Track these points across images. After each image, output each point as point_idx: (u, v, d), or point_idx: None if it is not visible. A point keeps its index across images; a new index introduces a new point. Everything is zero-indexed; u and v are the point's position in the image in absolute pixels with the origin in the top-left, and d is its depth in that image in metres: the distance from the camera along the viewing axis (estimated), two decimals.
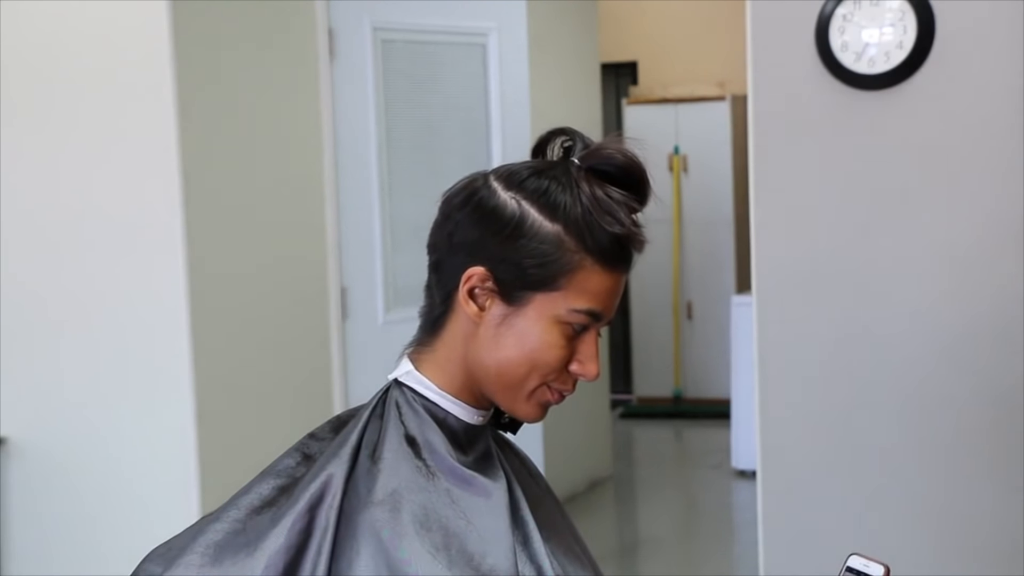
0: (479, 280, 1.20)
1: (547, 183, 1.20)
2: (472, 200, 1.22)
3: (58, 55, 3.25)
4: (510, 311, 1.20)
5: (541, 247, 1.18)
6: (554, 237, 1.18)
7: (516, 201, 1.20)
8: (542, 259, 1.18)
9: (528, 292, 1.19)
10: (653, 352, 7.58)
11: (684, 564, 4.84)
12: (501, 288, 1.20)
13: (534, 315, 1.20)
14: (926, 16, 2.68)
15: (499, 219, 1.20)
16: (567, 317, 1.20)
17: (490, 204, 1.21)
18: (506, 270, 1.19)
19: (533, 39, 4.55)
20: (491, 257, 1.20)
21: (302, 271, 3.69)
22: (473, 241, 1.21)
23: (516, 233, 1.19)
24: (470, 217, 1.21)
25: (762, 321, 2.88)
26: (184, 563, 1.17)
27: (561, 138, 1.26)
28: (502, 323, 1.21)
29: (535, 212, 1.19)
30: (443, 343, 1.25)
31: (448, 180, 1.29)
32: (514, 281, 1.19)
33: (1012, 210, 2.68)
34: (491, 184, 1.22)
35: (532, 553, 1.20)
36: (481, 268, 1.20)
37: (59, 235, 3.28)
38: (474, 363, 1.23)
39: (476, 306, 1.21)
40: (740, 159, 7.20)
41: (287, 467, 1.25)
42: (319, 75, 3.73)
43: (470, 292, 1.21)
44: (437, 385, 1.25)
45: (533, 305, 1.19)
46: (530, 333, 1.20)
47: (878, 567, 1.19)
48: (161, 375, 3.22)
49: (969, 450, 2.75)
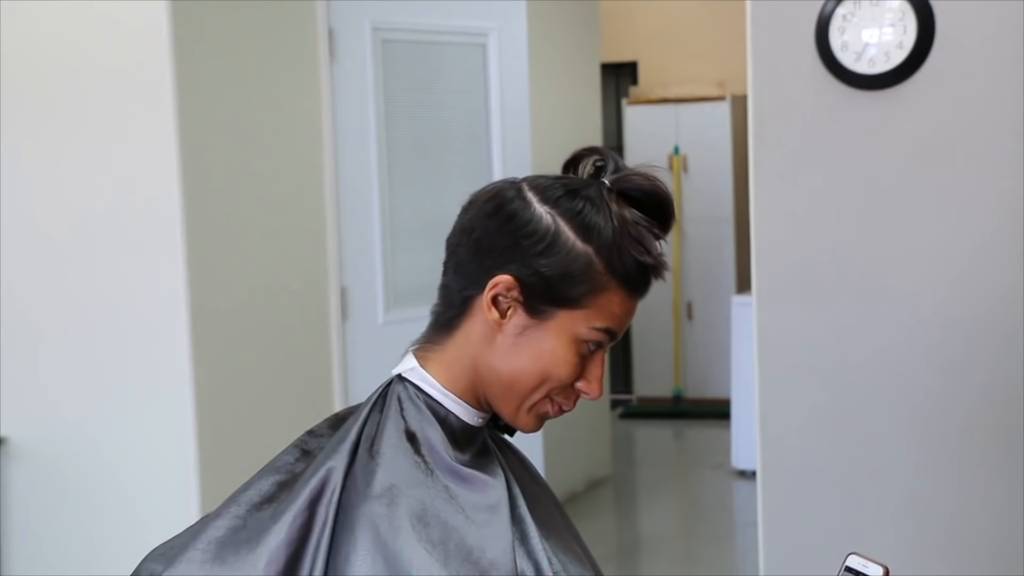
0: (505, 288, 1.21)
1: (582, 203, 1.21)
2: (505, 208, 1.22)
3: (58, 55, 3.25)
4: (531, 323, 1.22)
5: (572, 265, 1.20)
6: (585, 257, 1.20)
7: (552, 216, 1.21)
8: (571, 277, 1.20)
9: (553, 307, 1.21)
10: (653, 352, 7.58)
11: (684, 564, 4.84)
12: (526, 299, 1.21)
13: (555, 330, 1.21)
14: (926, 16, 2.68)
15: (533, 231, 1.20)
16: (586, 335, 1.22)
17: (525, 215, 1.21)
18: (534, 282, 1.20)
19: (533, 39, 4.55)
20: (520, 267, 1.20)
21: (302, 271, 3.69)
22: (503, 248, 1.21)
23: (550, 249, 1.20)
24: (503, 225, 1.21)
25: (762, 321, 2.88)
26: (186, 560, 1.18)
27: (594, 157, 1.27)
28: (521, 334, 1.22)
29: (569, 230, 1.20)
30: (454, 344, 1.25)
31: (448, 180, 1.29)
32: (540, 294, 1.21)
33: (1012, 210, 2.68)
34: (526, 195, 1.22)
35: (530, 550, 1.21)
36: (508, 277, 1.20)
37: (59, 235, 3.28)
38: (485, 368, 1.24)
39: (498, 313, 1.22)
40: (740, 159, 7.20)
41: (286, 463, 1.26)
42: (319, 75, 3.73)
43: (494, 299, 1.21)
44: (441, 383, 1.25)
45: (555, 321, 1.21)
46: (548, 348, 1.22)
47: (877, 567, 1.19)
48: (161, 375, 3.22)
49: (970, 450, 2.75)
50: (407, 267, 3.97)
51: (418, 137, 4.08)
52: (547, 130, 4.94)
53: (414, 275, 3.99)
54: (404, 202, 3.99)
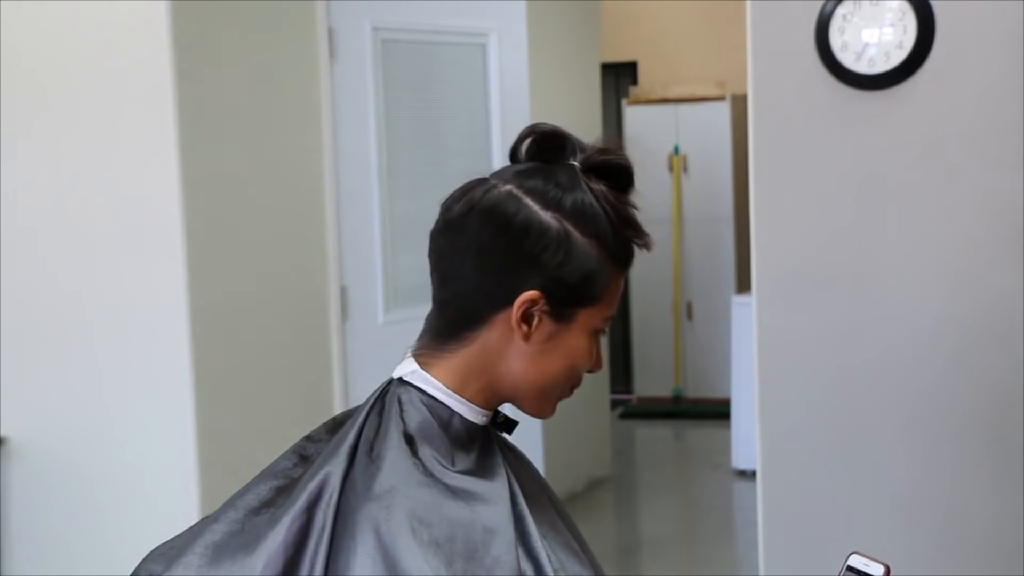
0: (532, 302, 1.20)
1: (574, 198, 1.21)
2: (514, 223, 1.20)
3: (58, 55, 3.25)
4: (558, 328, 1.23)
5: (588, 264, 1.21)
6: (593, 252, 1.21)
7: (558, 220, 1.20)
8: (591, 276, 1.21)
9: (576, 309, 1.23)
10: (653, 352, 7.57)
11: (684, 564, 4.84)
12: (553, 308, 1.22)
13: (578, 329, 1.24)
14: (926, 16, 2.68)
15: (549, 243, 1.20)
16: (600, 325, 1.25)
17: (536, 228, 1.20)
18: (559, 291, 1.21)
19: (533, 39, 4.55)
20: (544, 280, 1.20)
21: (302, 271, 3.69)
22: (525, 265, 1.20)
23: (568, 256, 1.20)
24: (519, 241, 1.19)
25: (762, 321, 2.88)
26: (183, 563, 1.18)
27: (532, 136, 1.27)
28: (548, 340, 1.23)
29: (575, 231, 1.21)
30: (465, 352, 1.24)
31: (448, 180, 1.29)
32: (566, 300, 1.22)
33: (1012, 209, 2.68)
34: (525, 202, 1.21)
35: (530, 549, 1.20)
36: (536, 292, 1.20)
37: (59, 235, 3.28)
38: (507, 373, 1.24)
39: (528, 328, 1.22)
40: (740, 159, 7.20)
41: (284, 468, 1.26)
42: (319, 75, 3.73)
43: (523, 314, 1.21)
44: (447, 386, 1.25)
45: (579, 320, 1.23)
46: (575, 346, 1.24)
47: (878, 566, 1.19)
48: (161, 375, 3.22)
49: (970, 450, 2.75)
50: (407, 267, 3.97)
51: (418, 137, 4.08)
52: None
53: (414, 275, 3.99)
54: (404, 202, 3.99)
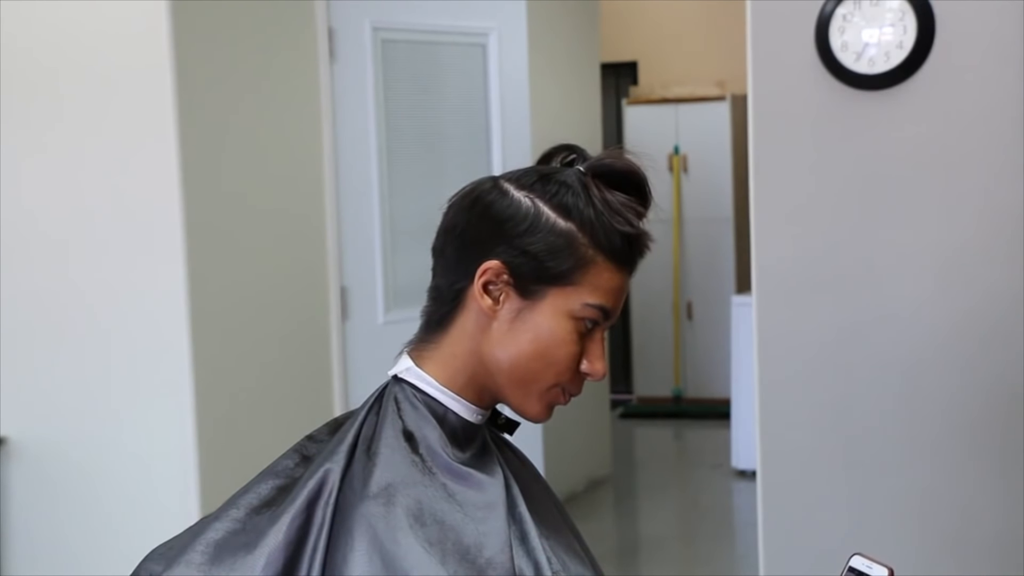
0: (494, 274, 1.21)
1: (557, 187, 1.23)
2: (484, 199, 1.24)
3: (58, 55, 3.24)
4: (525, 305, 1.22)
5: (557, 241, 1.20)
6: (568, 233, 1.21)
7: (530, 199, 1.22)
8: (558, 252, 1.20)
9: (543, 286, 1.21)
10: (653, 352, 7.58)
11: (684, 564, 4.84)
12: (517, 281, 1.21)
13: (549, 310, 1.21)
14: (926, 16, 2.68)
15: (514, 214, 1.21)
16: (580, 312, 1.21)
17: (504, 201, 1.23)
18: (522, 263, 1.21)
19: (533, 39, 4.55)
20: (507, 251, 1.21)
21: (302, 271, 3.69)
22: (487, 236, 1.22)
23: (532, 227, 1.21)
24: (483, 215, 1.23)
25: (762, 321, 2.88)
26: (184, 562, 1.18)
27: (563, 153, 1.29)
28: (516, 318, 1.22)
29: (548, 210, 1.22)
30: (449, 340, 1.26)
31: (448, 180, 1.30)
32: (530, 274, 1.21)
33: (1011, 210, 2.68)
34: (502, 186, 1.25)
35: (530, 549, 1.21)
36: (496, 261, 1.21)
37: (59, 235, 3.28)
38: (487, 358, 1.24)
39: (490, 300, 1.22)
40: (740, 159, 7.20)
41: (286, 468, 1.26)
42: (319, 75, 3.73)
43: (485, 285, 1.22)
44: (439, 381, 1.25)
45: (548, 300, 1.21)
46: (544, 327, 1.21)
47: (881, 568, 1.17)
48: (161, 375, 3.22)
49: (970, 449, 2.75)
50: (407, 267, 3.97)
51: (418, 137, 4.08)
52: (547, 130, 4.94)
53: (414, 275, 3.99)
54: (404, 202, 3.99)
